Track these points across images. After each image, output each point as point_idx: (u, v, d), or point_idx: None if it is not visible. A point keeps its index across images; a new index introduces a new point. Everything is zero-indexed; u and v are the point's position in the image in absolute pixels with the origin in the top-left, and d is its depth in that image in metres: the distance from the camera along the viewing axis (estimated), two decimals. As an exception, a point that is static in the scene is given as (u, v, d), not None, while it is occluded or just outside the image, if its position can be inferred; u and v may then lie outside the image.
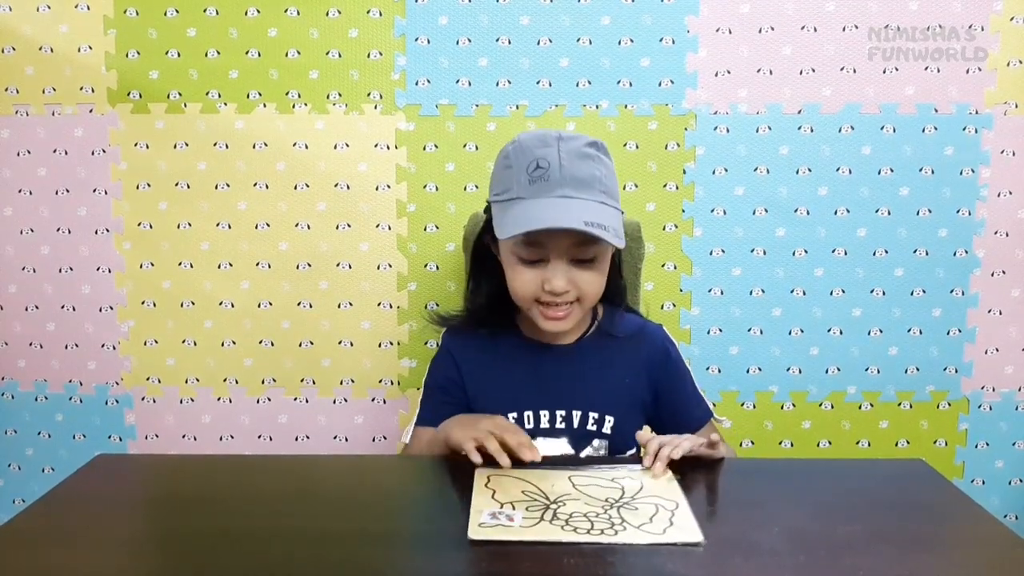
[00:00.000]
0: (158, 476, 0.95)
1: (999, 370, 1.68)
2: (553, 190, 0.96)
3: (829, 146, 1.61)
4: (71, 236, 1.66)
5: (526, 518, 0.77)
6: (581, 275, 1.00)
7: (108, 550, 0.73)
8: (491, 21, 1.58)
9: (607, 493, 0.84)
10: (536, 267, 1.00)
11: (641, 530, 0.76)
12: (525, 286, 1.01)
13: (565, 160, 0.96)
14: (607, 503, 0.82)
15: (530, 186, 0.97)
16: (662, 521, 0.78)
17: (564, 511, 0.80)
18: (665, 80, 1.59)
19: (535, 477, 0.88)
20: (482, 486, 0.86)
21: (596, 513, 0.79)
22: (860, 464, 1.02)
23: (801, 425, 1.69)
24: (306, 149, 1.62)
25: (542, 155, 0.97)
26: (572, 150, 0.98)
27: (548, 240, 0.97)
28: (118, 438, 1.73)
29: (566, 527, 0.76)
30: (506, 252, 1.03)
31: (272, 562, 0.69)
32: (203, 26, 1.59)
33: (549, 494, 0.84)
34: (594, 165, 0.99)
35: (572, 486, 0.86)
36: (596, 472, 0.90)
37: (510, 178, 1.00)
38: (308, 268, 1.66)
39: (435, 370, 1.17)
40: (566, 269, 0.99)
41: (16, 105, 1.63)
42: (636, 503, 0.82)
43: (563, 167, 0.96)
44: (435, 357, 1.18)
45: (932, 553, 0.73)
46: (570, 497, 0.83)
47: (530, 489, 0.85)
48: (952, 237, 1.63)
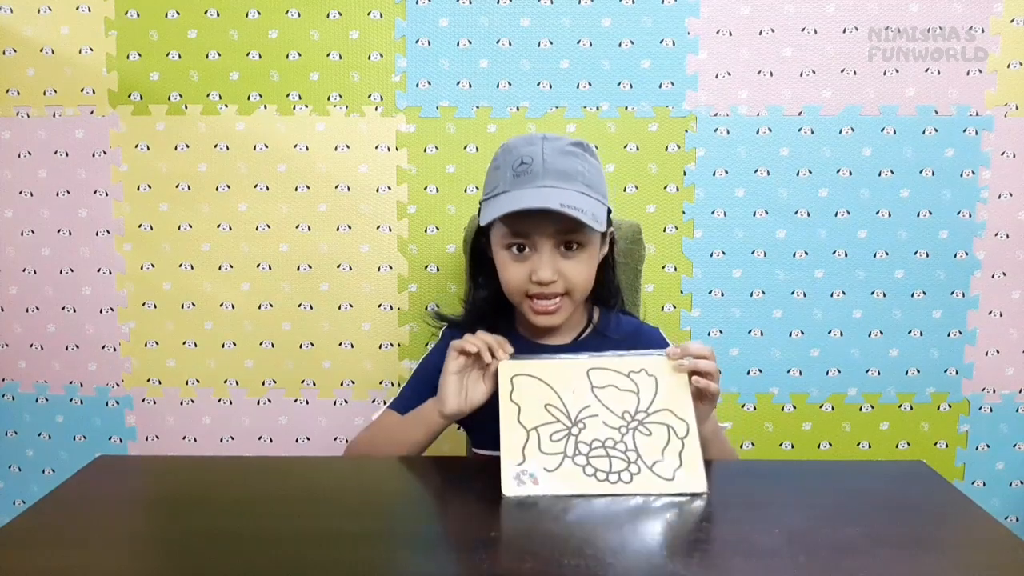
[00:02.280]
0: (158, 477, 0.95)
1: (1000, 372, 1.68)
2: (535, 181, 0.99)
3: (829, 148, 1.61)
4: (72, 237, 1.67)
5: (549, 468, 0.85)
6: (567, 264, 1.01)
7: (109, 551, 0.73)
8: (491, 23, 1.58)
9: (624, 403, 0.89)
10: (524, 261, 1.02)
11: (653, 472, 0.84)
12: (514, 279, 1.03)
13: (548, 156, 1.00)
14: (624, 421, 0.88)
15: (514, 180, 1.00)
16: (672, 458, 0.85)
17: (585, 437, 0.87)
18: (665, 82, 1.59)
19: (556, 378, 0.91)
20: (507, 398, 0.91)
21: (614, 441, 0.87)
22: (860, 466, 1.02)
23: (801, 427, 1.69)
24: (307, 151, 1.62)
25: (527, 152, 1.01)
26: (555, 148, 1.01)
27: (531, 229, 0.99)
28: (118, 439, 1.73)
29: (587, 469, 0.85)
30: (497, 247, 1.05)
31: (272, 563, 0.69)
32: (204, 28, 1.59)
33: (570, 409, 0.89)
34: (576, 161, 1.02)
35: (591, 391, 0.90)
36: (614, 366, 0.92)
37: (497, 177, 1.03)
38: (309, 270, 1.66)
39: (429, 363, 1.16)
40: (552, 259, 1.01)
41: (17, 107, 1.63)
42: (650, 422, 0.87)
43: (546, 162, 1.00)
44: (433, 349, 1.17)
45: (932, 554, 0.73)
46: (589, 413, 0.89)
47: (552, 402, 0.90)
48: (952, 239, 1.63)
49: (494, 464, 0.99)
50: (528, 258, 1.01)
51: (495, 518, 0.79)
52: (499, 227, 1.02)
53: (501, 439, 0.88)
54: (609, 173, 1.61)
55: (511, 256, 1.03)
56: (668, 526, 0.79)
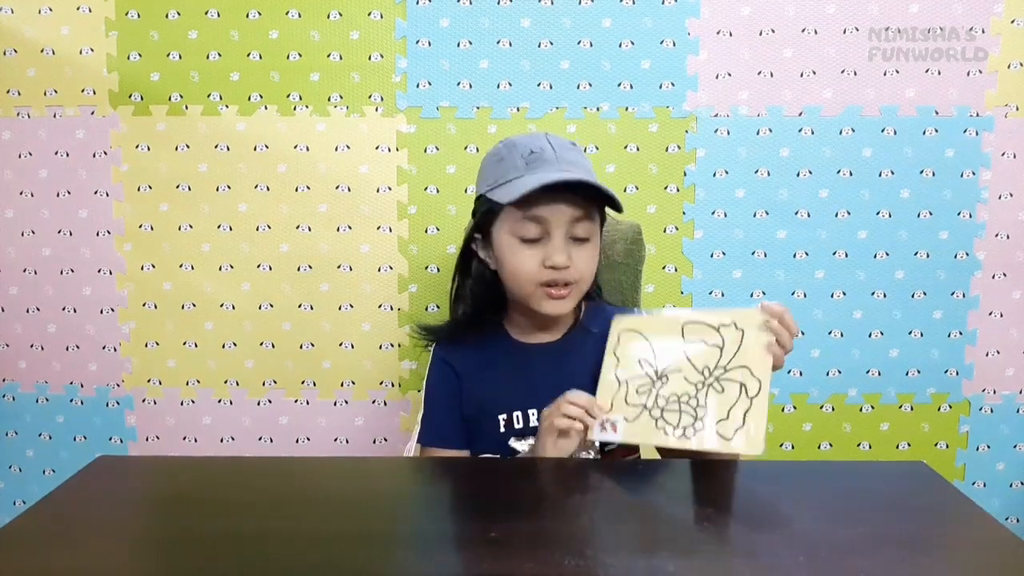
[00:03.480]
0: (159, 478, 0.95)
1: (1000, 372, 1.68)
2: (552, 165, 1.00)
3: (830, 148, 1.61)
4: (72, 238, 1.67)
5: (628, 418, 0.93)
6: (578, 253, 1.02)
7: (109, 552, 0.73)
8: (492, 23, 1.58)
9: (706, 358, 0.92)
10: (536, 247, 1.02)
11: (716, 430, 0.89)
12: (526, 265, 1.02)
13: (557, 148, 1.03)
14: (702, 377, 0.91)
15: (527, 167, 1.01)
16: (736, 418, 0.88)
17: (665, 392, 0.93)
18: (666, 82, 1.59)
19: (655, 333, 0.97)
20: (612, 352, 0.98)
21: (688, 396, 0.91)
22: (861, 466, 1.02)
23: (802, 427, 1.69)
24: (307, 151, 1.62)
25: (535, 144, 1.03)
26: (561, 142, 1.04)
27: (549, 213, 1.00)
28: (119, 440, 1.73)
29: (659, 422, 0.91)
30: (504, 237, 1.04)
31: (273, 564, 0.69)
32: (204, 28, 1.59)
33: (659, 363, 0.95)
34: (581, 156, 1.05)
35: (682, 348, 0.94)
36: (708, 319, 0.94)
37: (505, 167, 1.03)
38: (309, 270, 1.66)
39: (435, 384, 1.15)
40: (565, 245, 1.01)
41: (17, 107, 1.63)
42: (726, 378, 0.90)
43: (556, 151, 1.02)
44: (431, 370, 1.17)
45: (933, 555, 0.73)
46: (674, 368, 0.93)
47: (646, 356, 0.96)
48: (953, 239, 1.63)
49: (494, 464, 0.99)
50: (540, 246, 1.02)
51: (495, 518, 0.79)
52: (511, 215, 1.01)
53: (598, 389, 0.97)
54: (609, 173, 1.61)
55: (523, 246, 1.02)
56: (668, 526, 0.79)
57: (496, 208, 1.02)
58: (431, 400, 1.15)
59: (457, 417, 1.11)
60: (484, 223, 1.06)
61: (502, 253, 1.05)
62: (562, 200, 0.99)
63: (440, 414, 1.12)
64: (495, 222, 1.04)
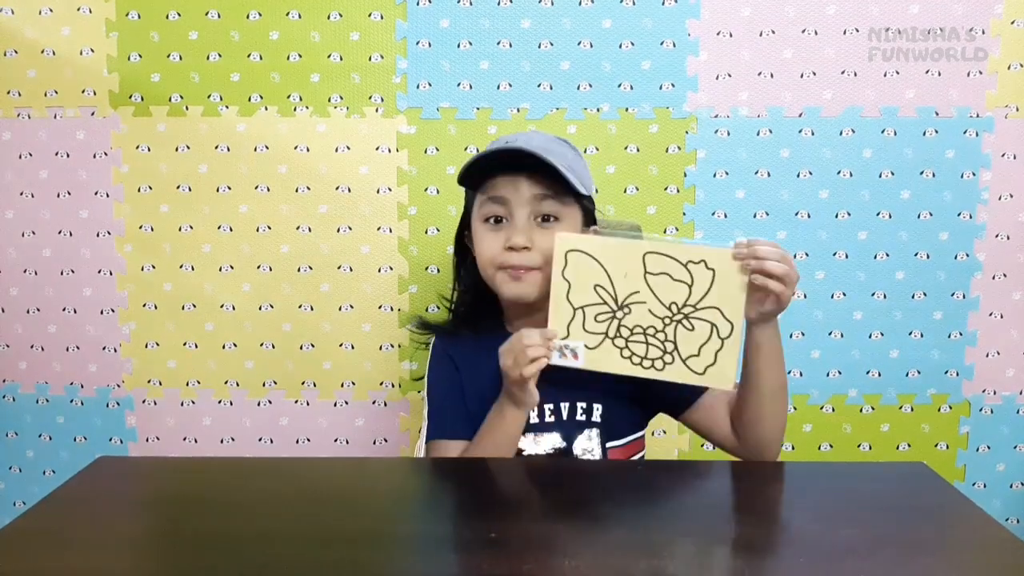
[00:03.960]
0: (159, 478, 0.95)
1: (1000, 373, 1.68)
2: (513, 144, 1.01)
3: (830, 149, 1.61)
4: (72, 238, 1.67)
5: (589, 345, 0.91)
6: (544, 235, 1.02)
7: (109, 552, 0.73)
8: (492, 24, 1.58)
9: (674, 293, 0.89)
10: (500, 230, 1.03)
11: (686, 365, 0.87)
12: (488, 249, 1.03)
13: (532, 136, 1.05)
14: (669, 312, 0.88)
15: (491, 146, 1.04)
16: (708, 356, 0.87)
17: (628, 322, 0.90)
18: (666, 83, 1.59)
19: (610, 259, 0.91)
20: (559, 274, 0.93)
21: (655, 329, 0.89)
22: (861, 467, 1.02)
23: (802, 428, 1.69)
24: (307, 152, 1.62)
25: (512, 136, 1.05)
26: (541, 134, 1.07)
27: (508, 193, 1.01)
28: (119, 440, 1.73)
29: (624, 352, 0.90)
30: (476, 224, 1.06)
31: (273, 564, 0.69)
32: (205, 29, 1.59)
33: (619, 292, 0.91)
34: (559, 146, 1.05)
35: (644, 277, 0.89)
36: (673, 252, 0.89)
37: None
38: (309, 271, 1.66)
39: (437, 377, 1.16)
40: (527, 227, 1.01)
41: (18, 108, 1.63)
42: (695, 317, 0.88)
43: (531, 140, 1.03)
44: (432, 364, 1.17)
45: (933, 556, 0.73)
46: (637, 299, 0.90)
47: (602, 282, 0.92)
48: (953, 240, 1.63)
49: (494, 464, 0.99)
50: (503, 228, 1.02)
51: (495, 518, 0.79)
52: (478, 201, 1.04)
53: (549, 314, 0.94)
54: (609, 175, 1.61)
55: (487, 228, 1.03)
56: (668, 527, 0.79)
57: (471, 197, 1.05)
58: (435, 394, 1.15)
59: (462, 408, 1.10)
60: (467, 215, 1.09)
61: (474, 237, 1.06)
62: (524, 178, 0.99)
63: (446, 407, 1.11)
64: (472, 211, 1.07)
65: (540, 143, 1.02)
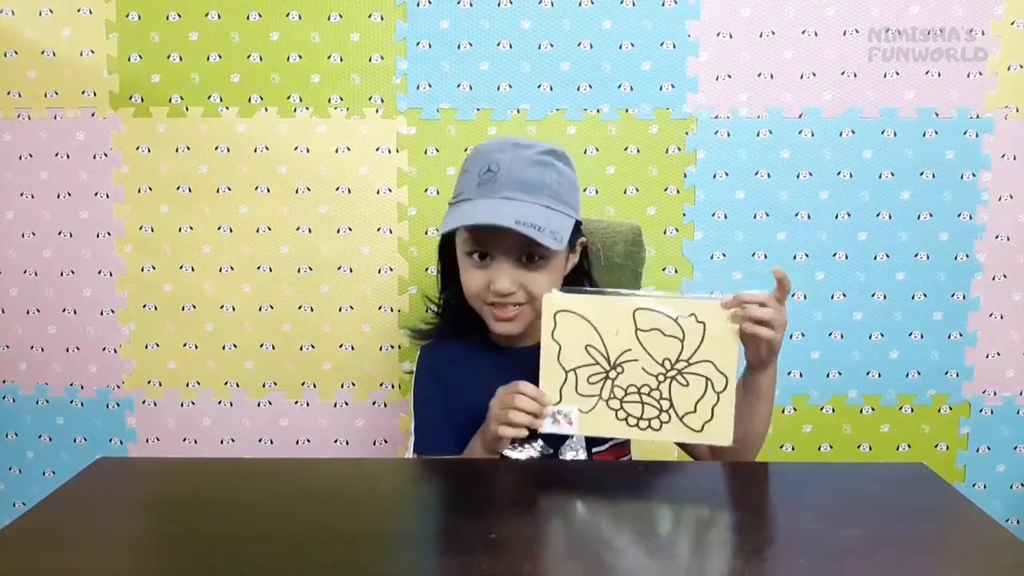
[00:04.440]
0: (159, 479, 0.95)
1: (1000, 374, 1.68)
2: (498, 192, 0.98)
3: (830, 150, 1.61)
4: (72, 239, 1.67)
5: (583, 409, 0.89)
6: (529, 276, 1.01)
7: (109, 553, 0.73)
8: (492, 25, 1.58)
9: (666, 350, 0.88)
10: (485, 268, 1.02)
11: (683, 423, 0.87)
12: (473, 286, 1.03)
13: (515, 166, 0.99)
14: (663, 369, 0.88)
15: (478, 188, 1.00)
16: (704, 411, 0.87)
17: (622, 382, 0.88)
18: (666, 84, 1.60)
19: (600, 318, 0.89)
20: (549, 336, 0.90)
21: (650, 388, 0.88)
22: (861, 468, 1.02)
23: (802, 429, 1.69)
24: (307, 153, 1.62)
25: (494, 159, 1.00)
26: (525, 157, 1.00)
27: (491, 240, 0.99)
28: (119, 441, 1.73)
29: (619, 413, 0.88)
30: (460, 252, 1.05)
31: (273, 565, 0.69)
32: (205, 30, 1.59)
33: (611, 352, 0.89)
34: (544, 171, 1.00)
35: (635, 334, 0.88)
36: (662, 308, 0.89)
37: (464, 182, 1.03)
38: (309, 272, 1.66)
39: (422, 394, 1.16)
40: (512, 270, 1.00)
41: (18, 109, 1.63)
42: (689, 372, 0.87)
43: (512, 172, 0.99)
44: (417, 379, 1.18)
45: (933, 557, 0.72)
46: (630, 357, 0.88)
47: (593, 342, 0.90)
48: (953, 241, 1.63)
49: (494, 464, 0.99)
50: (488, 266, 1.01)
51: (495, 518, 0.79)
52: (461, 233, 1.03)
53: (540, 378, 0.91)
54: (609, 175, 1.62)
55: (472, 263, 1.02)
56: (668, 528, 0.79)
57: None
58: (420, 409, 1.15)
59: (447, 423, 1.10)
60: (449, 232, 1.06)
61: (460, 266, 1.05)
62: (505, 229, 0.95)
63: (431, 422, 1.12)
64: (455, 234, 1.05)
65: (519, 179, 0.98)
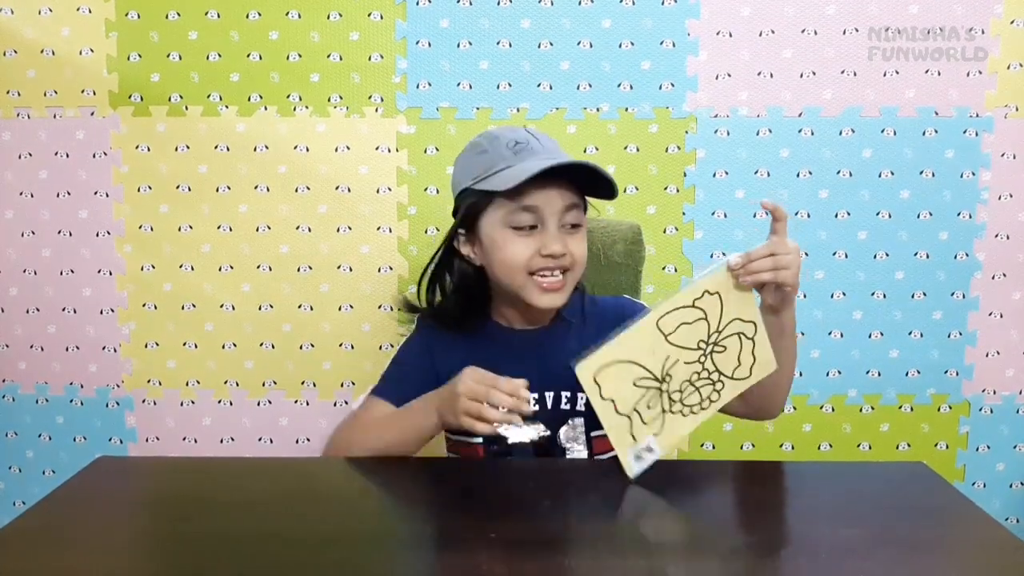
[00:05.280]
0: (158, 478, 0.95)
1: (1000, 373, 1.68)
2: (540, 154, 1.01)
3: (830, 149, 1.61)
4: (72, 239, 1.67)
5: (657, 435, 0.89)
6: (571, 240, 1.03)
7: (108, 552, 0.73)
8: (492, 24, 1.58)
9: (697, 334, 0.89)
10: (530, 236, 1.02)
11: (735, 379, 0.90)
12: (520, 255, 1.02)
13: (541, 139, 1.04)
14: (701, 350, 0.89)
15: (516, 156, 1.01)
16: (747, 359, 0.90)
17: (674, 386, 0.90)
18: (666, 83, 1.59)
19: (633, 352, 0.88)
20: (598, 398, 0.88)
21: (697, 375, 0.90)
22: (861, 467, 1.02)
23: (802, 428, 1.69)
24: (307, 152, 1.62)
25: (518, 136, 1.04)
26: (542, 134, 1.05)
27: (543, 203, 1.00)
28: (119, 440, 1.73)
29: (684, 412, 0.90)
30: (495, 229, 1.03)
31: (273, 564, 0.69)
32: (204, 29, 1.59)
33: (654, 370, 0.89)
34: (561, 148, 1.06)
35: (666, 342, 0.89)
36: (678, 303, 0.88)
37: (490, 159, 1.03)
38: (309, 271, 1.66)
39: (408, 348, 1.16)
40: (559, 234, 1.02)
41: (17, 108, 1.63)
42: (723, 339, 0.89)
43: (540, 141, 1.03)
44: (413, 338, 1.17)
45: (933, 556, 0.73)
46: (671, 362, 0.89)
47: (638, 375, 0.89)
48: (953, 240, 1.63)
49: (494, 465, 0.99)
50: (533, 235, 1.02)
51: (495, 518, 0.79)
52: (502, 206, 1.01)
53: (609, 435, 0.90)
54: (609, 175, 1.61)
55: (517, 234, 1.02)
56: (668, 527, 0.79)
57: (483, 201, 1.03)
58: (401, 362, 1.14)
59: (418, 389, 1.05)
60: (469, 217, 1.05)
61: (493, 244, 1.04)
62: (554, 189, 0.99)
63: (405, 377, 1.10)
64: (482, 215, 1.04)
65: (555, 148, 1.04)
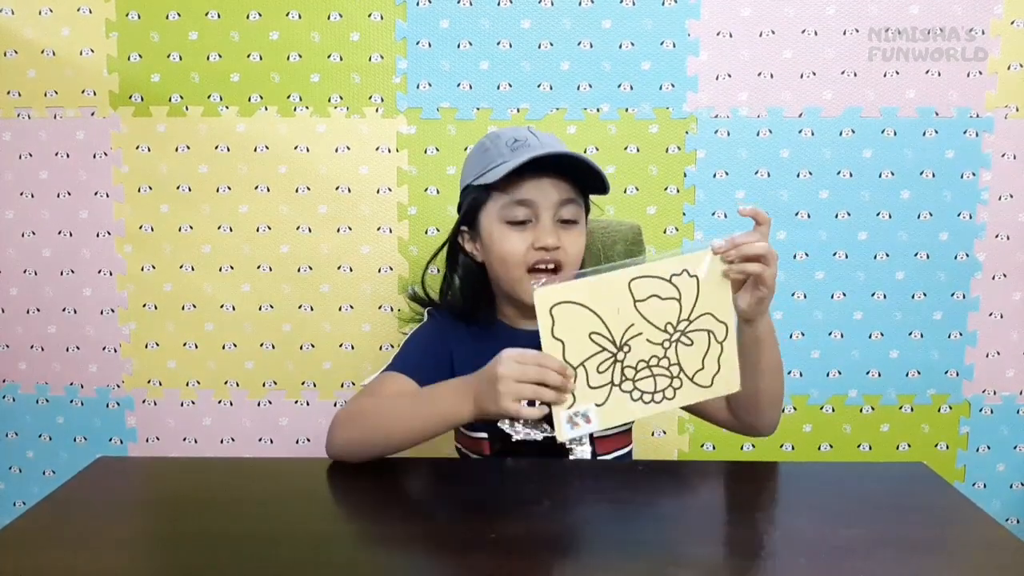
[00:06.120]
0: (159, 479, 0.95)
1: (1000, 373, 1.68)
2: (537, 149, 1.01)
3: (830, 149, 1.61)
4: (72, 239, 1.67)
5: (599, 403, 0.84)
6: (567, 235, 1.03)
7: (109, 552, 0.73)
8: (492, 24, 1.58)
9: (666, 314, 0.85)
10: (524, 230, 1.03)
11: (694, 382, 0.86)
12: (515, 248, 1.02)
13: (540, 136, 1.06)
14: (667, 334, 0.85)
15: (513, 152, 1.02)
16: (711, 364, 0.86)
17: (631, 361, 0.84)
18: (666, 84, 1.59)
19: (598, 300, 0.83)
20: (549, 335, 0.82)
21: (657, 358, 0.85)
22: (861, 467, 1.02)
23: (802, 428, 1.69)
24: (307, 152, 1.62)
25: (518, 134, 1.05)
26: (543, 133, 1.07)
27: (536, 196, 1.01)
28: (119, 440, 1.73)
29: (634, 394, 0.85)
30: (492, 224, 1.04)
31: (272, 564, 0.69)
32: (205, 29, 1.59)
33: (614, 332, 0.84)
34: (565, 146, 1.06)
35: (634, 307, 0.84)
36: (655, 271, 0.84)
37: (490, 156, 1.05)
38: (309, 271, 1.66)
39: (423, 333, 1.14)
40: (554, 227, 1.02)
41: (18, 108, 1.63)
42: (691, 330, 0.85)
43: (540, 140, 1.05)
44: (423, 325, 1.16)
45: (933, 556, 0.73)
46: (634, 332, 0.84)
47: (596, 328, 0.84)
48: (953, 240, 1.63)
49: (494, 464, 0.99)
50: (528, 229, 1.02)
51: (495, 518, 0.79)
52: (498, 200, 1.03)
53: None
54: (609, 175, 1.60)
55: (512, 229, 1.03)
56: (668, 527, 0.79)
57: (482, 197, 1.04)
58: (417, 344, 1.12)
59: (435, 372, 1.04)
60: (471, 214, 1.07)
61: (490, 239, 1.05)
62: (549, 182, 1.01)
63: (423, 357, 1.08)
64: (482, 211, 1.05)
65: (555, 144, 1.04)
